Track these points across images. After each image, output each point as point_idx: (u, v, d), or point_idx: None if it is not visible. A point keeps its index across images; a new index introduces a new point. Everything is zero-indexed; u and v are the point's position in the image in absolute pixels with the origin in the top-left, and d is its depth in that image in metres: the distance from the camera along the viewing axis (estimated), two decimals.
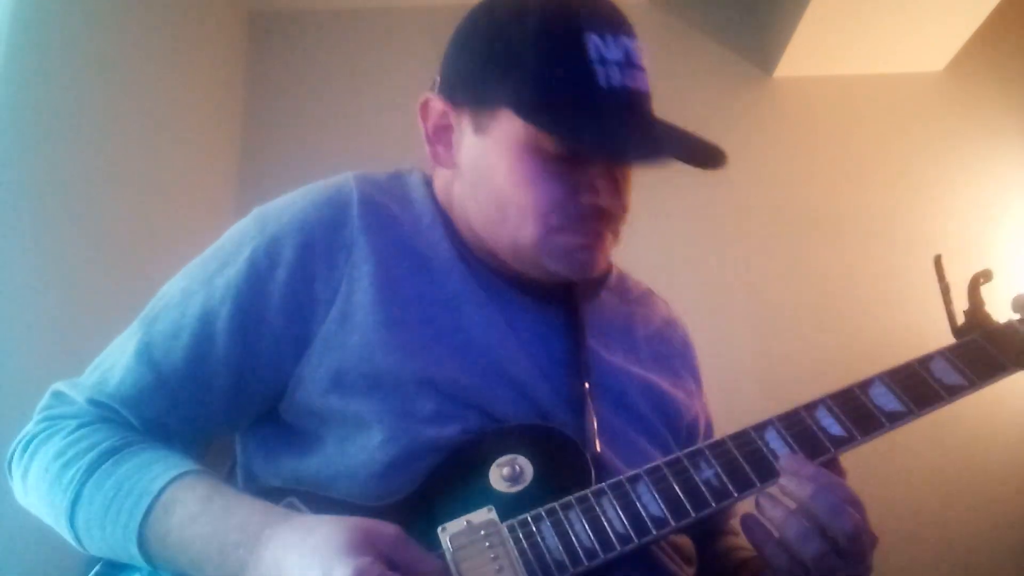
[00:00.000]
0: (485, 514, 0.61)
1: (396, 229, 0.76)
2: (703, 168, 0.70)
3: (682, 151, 0.69)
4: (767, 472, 0.67)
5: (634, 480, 0.66)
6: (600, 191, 0.72)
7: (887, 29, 2.12)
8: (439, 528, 0.61)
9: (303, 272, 0.71)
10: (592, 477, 0.66)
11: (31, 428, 0.71)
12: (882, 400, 0.71)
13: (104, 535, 0.62)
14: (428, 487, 0.67)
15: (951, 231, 2.13)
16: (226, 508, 0.60)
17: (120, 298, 1.48)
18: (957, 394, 0.73)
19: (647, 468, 0.67)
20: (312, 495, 0.67)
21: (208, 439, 0.77)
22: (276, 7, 2.39)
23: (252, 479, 0.74)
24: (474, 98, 0.74)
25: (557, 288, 0.81)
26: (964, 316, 0.81)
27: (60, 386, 0.73)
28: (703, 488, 0.65)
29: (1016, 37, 2.30)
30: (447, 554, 0.59)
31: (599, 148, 0.70)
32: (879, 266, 2.10)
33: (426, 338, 0.72)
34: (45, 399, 0.73)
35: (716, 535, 0.89)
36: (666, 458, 0.68)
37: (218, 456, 0.81)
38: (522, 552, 0.60)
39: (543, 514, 0.63)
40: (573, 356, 0.77)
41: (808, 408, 0.71)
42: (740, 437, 0.69)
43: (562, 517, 0.63)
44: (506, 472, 0.66)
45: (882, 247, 2.13)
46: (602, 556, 0.61)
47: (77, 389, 0.71)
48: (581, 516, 0.63)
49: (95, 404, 0.70)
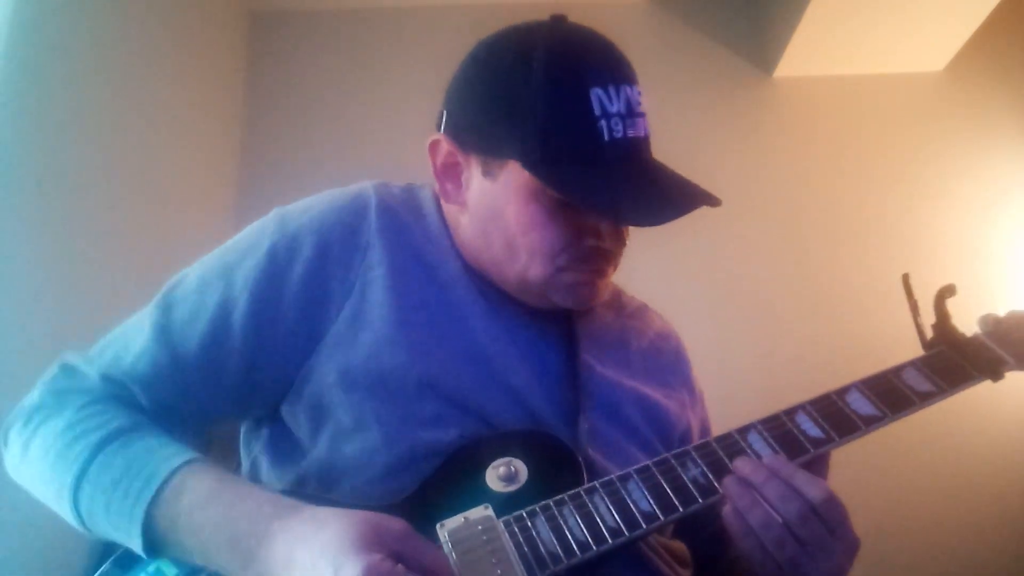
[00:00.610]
0: (482, 511, 0.64)
1: (408, 236, 0.79)
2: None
3: (677, 211, 0.71)
4: None
5: (624, 478, 0.69)
6: (603, 235, 0.76)
7: (887, 29, 2.12)
8: (438, 524, 0.62)
9: (320, 269, 0.74)
10: (584, 479, 0.69)
11: (35, 399, 0.71)
12: (858, 405, 0.76)
13: (108, 513, 0.63)
14: (426, 489, 0.69)
15: (950, 231, 2.14)
16: (237, 495, 0.61)
17: (120, 295, 1.48)
18: (928, 399, 0.78)
19: (636, 468, 0.70)
20: (316, 498, 0.68)
21: (210, 427, 0.79)
22: (276, 7, 2.38)
23: (257, 484, 0.76)
24: (482, 146, 0.77)
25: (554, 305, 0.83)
26: (932, 330, 0.86)
27: (71, 358, 0.73)
28: (690, 485, 0.68)
29: (1016, 37, 2.29)
30: (445, 547, 0.61)
31: (598, 212, 0.74)
32: (878, 265, 2.07)
33: (432, 341, 0.74)
34: (52, 370, 0.73)
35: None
36: (655, 459, 0.71)
37: (221, 463, 0.83)
38: (518, 545, 0.62)
39: (537, 510, 0.65)
40: (568, 368, 0.80)
41: (788, 413, 0.75)
42: (724, 439, 0.73)
43: (556, 512, 0.65)
44: (502, 472, 0.68)
45: (881, 247, 2.13)
46: (595, 548, 0.63)
47: (90, 363, 0.72)
48: (574, 511, 0.66)
49: (108, 380, 0.71)
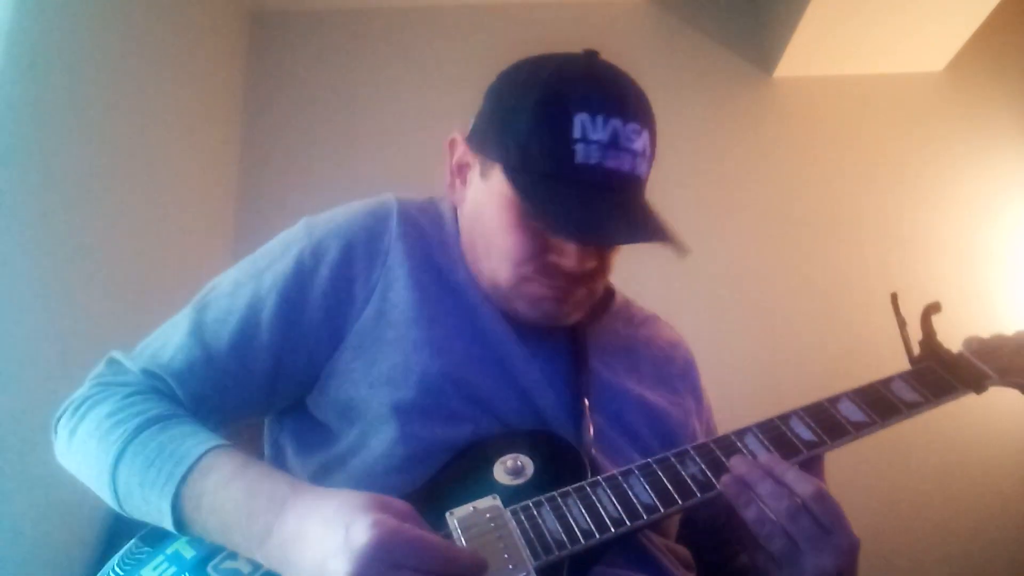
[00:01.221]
0: (490, 501, 0.67)
1: (427, 242, 0.85)
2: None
3: (625, 238, 0.73)
4: None
5: (626, 473, 0.72)
6: (565, 254, 0.77)
7: (887, 29, 2.13)
8: (447, 513, 0.65)
9: (344, 273, 0.80)
10: (588, 476, 0.72)
11: (84, 391, 0.77)
12: (848, 412, 0.80)
13: (143, 492, 0.67)
14: (436, 482, 0.73)
15: (950, 230, 2.14)
16: (260, 475, 0.65)
17: (121, 295, 1.51)
18: (915, 408, 0.82)
19: (638, 464, 0.74)
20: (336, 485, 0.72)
21: (241, 419, 0.84)
22: (276, 7, 2.39)
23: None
24: (481, 148, 0.83)
25: None
26: (919, 346, 0.91)
27: (116, 355, 0.80)
28: (689, 481, 0.72)
29: (1016, 37, 2.29)
30: (455, 533, 0.64)
31: (544, 221, 0.75)
32: (878, 265, 2.09)
33: (452, 341, 0.79)
34: (100, 367, 0.80)
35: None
36: (656, 456, 0.74)
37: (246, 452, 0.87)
38: (524, 531, 0.65)
39: (543, 500, 0.69)
40: (575, 373, 0.84)
41: (782, 418, 0.79)
42: (722, 440, 0.77)
43: (561, 503, 0.69)
44: (509, 465, 0.72)
45: (881, 246, 2.13)
46: (597, 536, 0.66)
47: (132, 360, 0.78)
48: (578, 502, 0.69)
49: (148, 375, 0.76)
